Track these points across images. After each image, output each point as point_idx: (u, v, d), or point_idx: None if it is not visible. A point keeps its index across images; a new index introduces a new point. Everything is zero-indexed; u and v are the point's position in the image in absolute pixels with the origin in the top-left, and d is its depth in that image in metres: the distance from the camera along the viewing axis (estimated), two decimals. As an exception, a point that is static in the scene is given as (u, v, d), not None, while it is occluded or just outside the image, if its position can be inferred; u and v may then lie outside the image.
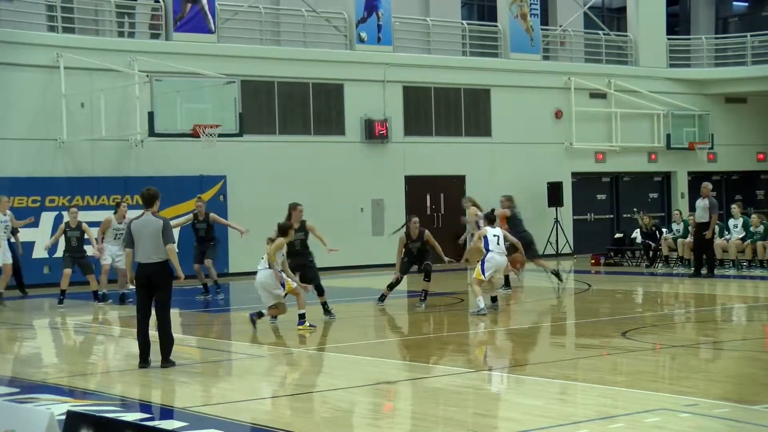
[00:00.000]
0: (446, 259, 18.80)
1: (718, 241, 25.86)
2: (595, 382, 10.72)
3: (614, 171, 34.26)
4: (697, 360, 12.76)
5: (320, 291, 16.98)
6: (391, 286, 18.87)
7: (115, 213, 20.64)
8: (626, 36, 35.22)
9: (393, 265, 21.43)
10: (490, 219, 18.01)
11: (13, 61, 24.79)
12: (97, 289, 20.45)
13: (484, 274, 17.25)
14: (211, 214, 21.19)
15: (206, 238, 21.08)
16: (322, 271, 20.59)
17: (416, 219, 18.89)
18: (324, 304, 17.02)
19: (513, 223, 20.87)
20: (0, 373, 12.72)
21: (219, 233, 21.96)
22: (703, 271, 23.59)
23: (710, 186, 24.10)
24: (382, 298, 18.93)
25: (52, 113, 25.06)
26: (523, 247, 19.74)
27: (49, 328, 17.57)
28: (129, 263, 12.70)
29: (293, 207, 17.13)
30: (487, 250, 17.34)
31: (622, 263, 28.24)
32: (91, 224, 23.84)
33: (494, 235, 17.46)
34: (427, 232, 18.68)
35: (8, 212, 20.95)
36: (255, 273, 15.85)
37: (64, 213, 24.70)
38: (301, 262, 16.92)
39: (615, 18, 38.74)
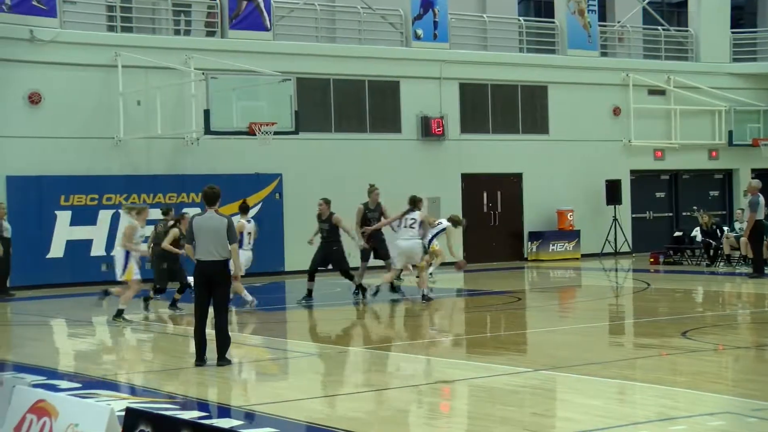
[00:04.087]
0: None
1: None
2: (654, 382, 10.62)
3: (673, 169, 33.92)
4: (763, 362, 12.58)
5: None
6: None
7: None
8: (687, 31, 34.84)
9: (450, 264, 21.43)
10: None
11: (73, 61, 25.12)
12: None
13: None
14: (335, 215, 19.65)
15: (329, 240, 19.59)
16: (380, 269, 20.67)
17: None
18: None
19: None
20: (64, 368, 12.94)
21: (275, 228, 21.65)
22: None
23: (756, 183, 23.56)
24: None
25: (108, 111, 25.34)
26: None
27: (107, 325, 17.79)
28: (191, 256, 12.74)
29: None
30: None
31: (682, 262, 27.96)
32: (147, 222, 24.06)
33: None
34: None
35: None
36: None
37: (121, 211, 24.99)
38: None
39: (675, 13, 38.38)
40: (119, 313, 17.11)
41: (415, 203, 19.05)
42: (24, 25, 24.46)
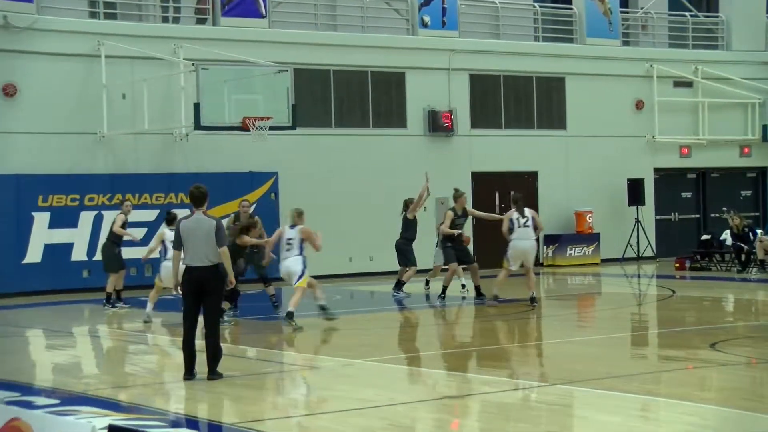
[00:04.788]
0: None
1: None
2: (680, 398, 10.60)
3: (701, 166, 33.90)
4: (798, 376, 12.55)
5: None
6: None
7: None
8: (717, 17, 34.80)
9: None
10: None
11: (52, 51, 25.12)
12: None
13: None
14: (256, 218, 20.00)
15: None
16: (383, 275, 20.65)
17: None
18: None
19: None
20: (40, 383, 12.92)
21: (270, 231, 21.86)
22: None
23: None
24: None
25: (91, 105, 25.34)
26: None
27: (89, 336, 17.77)
28: (177, 267, 12.76)
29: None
30: None
31: (710, 268, 27.95)
32: (133, 225, 24.17)
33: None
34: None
35: None
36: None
37: (104, 213, 25.01)
38: None
39: (703, -2, 38.31)
40: (290, 315, 17.33)
41: (518, 202, 19.71)
42: (-2, 10, 24.50)
